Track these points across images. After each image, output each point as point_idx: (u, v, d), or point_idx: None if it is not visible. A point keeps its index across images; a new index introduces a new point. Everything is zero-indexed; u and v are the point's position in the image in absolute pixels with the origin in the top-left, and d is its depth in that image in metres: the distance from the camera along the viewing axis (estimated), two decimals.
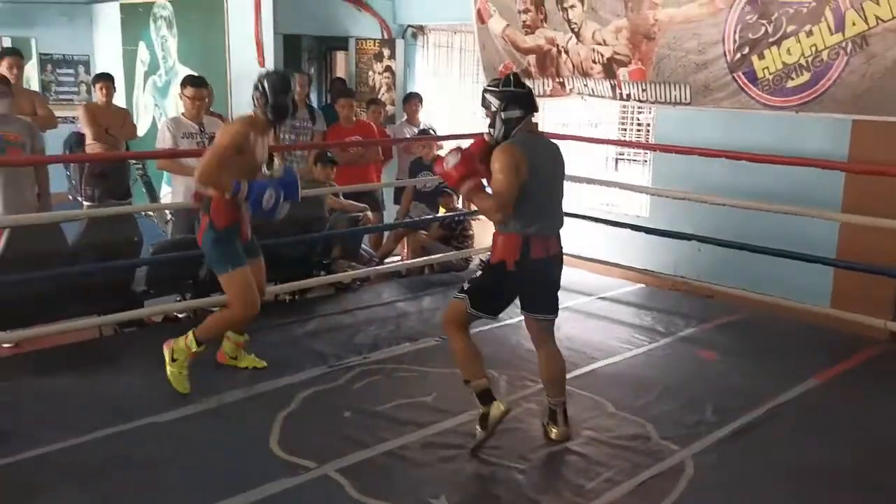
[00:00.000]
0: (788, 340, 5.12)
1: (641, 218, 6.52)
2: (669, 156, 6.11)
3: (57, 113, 6.69)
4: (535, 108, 3.47)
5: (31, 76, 9.81)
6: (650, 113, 6.70)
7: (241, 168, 3.87)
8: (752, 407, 3.99)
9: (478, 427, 3.46)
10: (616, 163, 7.17)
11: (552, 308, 3.59)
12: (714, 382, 4.36)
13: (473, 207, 7.23)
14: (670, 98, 5.84)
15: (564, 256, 3.60)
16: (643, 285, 6.34)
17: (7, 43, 9.82)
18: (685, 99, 5.75)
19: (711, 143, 5.71)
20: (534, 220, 3.36)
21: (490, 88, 3.46)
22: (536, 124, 3.70)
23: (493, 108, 3.40)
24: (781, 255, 5.14)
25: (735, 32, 5.35)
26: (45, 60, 10.02)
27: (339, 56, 8.87)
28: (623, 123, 7.10)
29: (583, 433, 3.67)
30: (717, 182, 5.80)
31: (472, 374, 3.49)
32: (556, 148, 3.60)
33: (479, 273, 3.60)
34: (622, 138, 7.08)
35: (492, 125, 3.44)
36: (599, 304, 5.82)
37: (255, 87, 3.95)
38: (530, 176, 3.29)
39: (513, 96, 3.38)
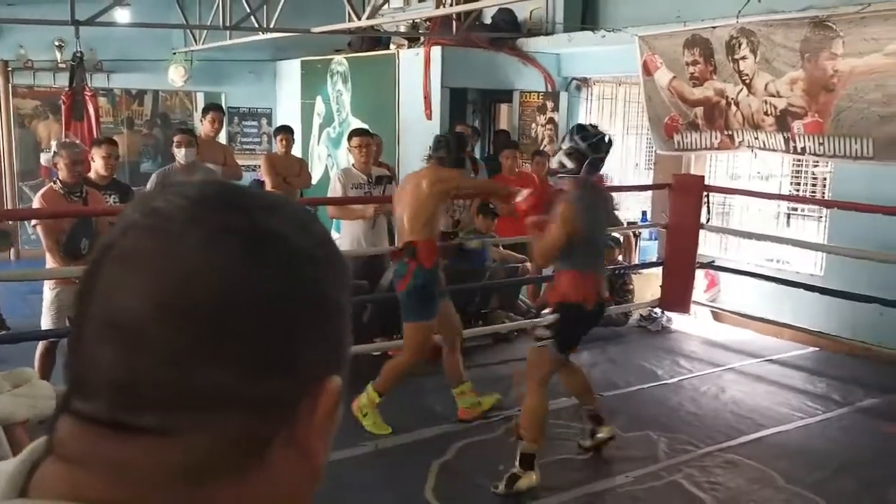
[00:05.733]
0: None
1: (815, 277, 6.15)
2: (849, 212, 5.75)
3: (240, 162, 7.21)
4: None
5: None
6: (827, 167, 6.35)
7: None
8: None
9: (502, 486, 3.47)
10: (788, 218, 6.83)
11: None
12: None
13: (635, 261, 7.15)
14: (851, 152, 5.51)
15: (727, 314, 3.58)
16: (816, 349, 5.95)
17: (201, 97, 10.75)
18: (868, 153, 5.41)
19: (895, 199, 5.33)
20: None
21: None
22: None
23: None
24: None
25: None
26: (232, 113, 10.84)
27: (503, 108, 9.04)
28: (797, 177, 6.76)
29: None
30: None
31: (538, 435, 3.54)
32: None
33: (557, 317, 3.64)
34: (796, 193, 6.74)
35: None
36: (768, 367, 5.51)
37: (440, 143, 4.28)
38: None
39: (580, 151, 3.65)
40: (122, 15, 8.92)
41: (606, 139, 3.66)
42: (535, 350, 3.67)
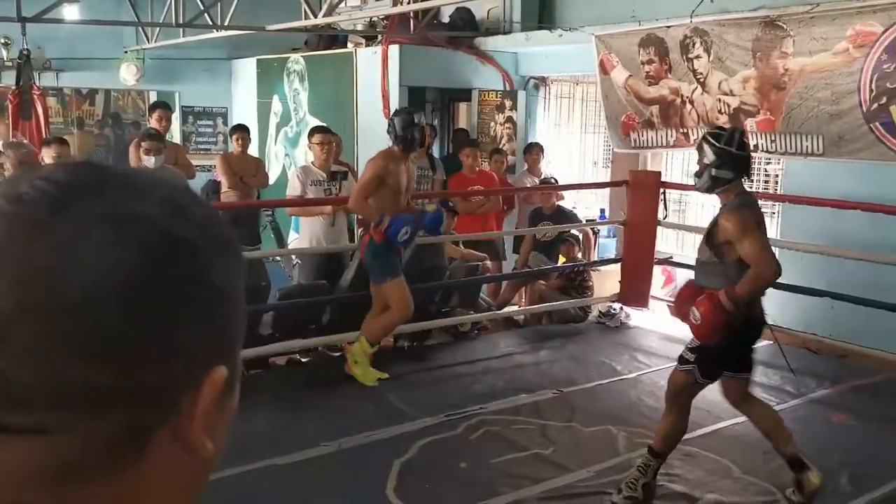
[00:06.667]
0: None
1: None
2: (800, 208, 5.88)
3: (195, 162, 7.12)
4: (749, 174, 3.43)
5: (174, 127, 10.49)
6: (779, 164, 6.48)
7: (385, 195, 4.54)
8: (891, 477, 3.74)
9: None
10: None
11: None
12: (849, 449, 4.10)
13: (594, 258, 7.21)
14: (801, 149, 5.64)
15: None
16: (769, 342, 6.06)
17: (154, 96, 10.58)
18: (818, 150, 5.54)
19: (846, 195, 5.46)
20: None
21: (711, 141, 3.33)
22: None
23: (707, 161, 3.31)
24: None
25: (871, 82, 5.13)
26: (186, 112, 10.71)
27: (462, 107, 9.07)
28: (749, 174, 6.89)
29: (706, 497, 3.53)
30: (853, 236, 5.53)
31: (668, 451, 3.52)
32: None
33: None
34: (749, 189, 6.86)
35: (698, 174, 3.40)
36: None
37: (389, 125, 4.65)
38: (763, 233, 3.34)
39: (731, 157, 3.28)
40: (70, 12, 8.74)
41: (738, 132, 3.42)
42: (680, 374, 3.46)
